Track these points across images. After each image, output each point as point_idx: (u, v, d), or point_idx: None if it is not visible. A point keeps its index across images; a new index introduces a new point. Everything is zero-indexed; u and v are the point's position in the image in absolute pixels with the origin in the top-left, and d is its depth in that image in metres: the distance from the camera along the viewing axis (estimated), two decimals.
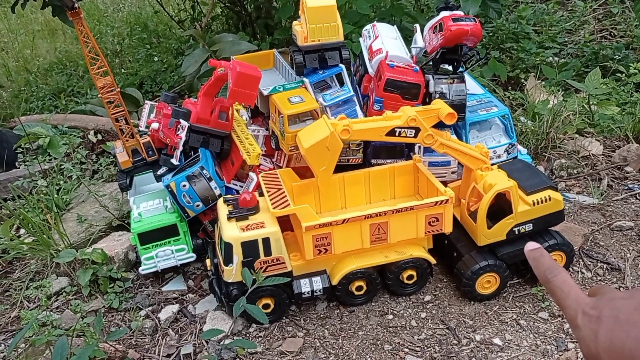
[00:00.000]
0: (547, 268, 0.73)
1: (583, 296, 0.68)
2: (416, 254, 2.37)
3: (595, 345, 0.61)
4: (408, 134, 2.29)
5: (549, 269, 0.73)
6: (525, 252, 0.78)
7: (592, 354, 0.62)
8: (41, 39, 6.35)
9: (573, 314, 0.67)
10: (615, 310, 0.62)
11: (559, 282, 0.71)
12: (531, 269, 2.26)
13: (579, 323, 0.65)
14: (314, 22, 2.42)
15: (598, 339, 0.61)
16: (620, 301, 0.63)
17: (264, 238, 2.21)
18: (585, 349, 0.64)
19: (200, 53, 3.85)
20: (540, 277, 0.74)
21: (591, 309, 0.65)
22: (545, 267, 0.73)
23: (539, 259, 0.76)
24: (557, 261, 2.38)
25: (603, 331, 0.61)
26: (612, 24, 5.15)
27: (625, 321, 0.60)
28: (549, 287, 0.72)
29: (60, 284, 2.56)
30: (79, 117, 3.94)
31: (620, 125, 3.40)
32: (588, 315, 0.64)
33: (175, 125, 2.56)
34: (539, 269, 0.74)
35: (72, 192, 3.16)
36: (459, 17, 2.40)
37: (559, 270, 0.72)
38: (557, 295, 0.70)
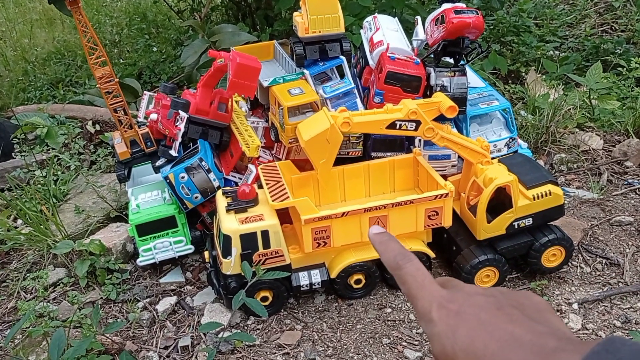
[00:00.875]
0: (398, 253, 0.64)
1: (438, 288, 0.59)
2: (415, 247, 2.36)
3: (452, 343, 0.54)
4: (409, 127, 2.28)
5: (400, 254, 0.64)
6: (370, 236, 0.69)
7: (447, 352, 0.54)
8: (39, 28, 6.31)
9: (427, 306, 0.58)
10: (476, 307, 0.55)
11: (412, 270, 0.62)
12: (531, 264, 2.24)
13: (433, 317, 0.57)
14: (314, 14, 2.40)
15: (456, 336, 0.54)
16: (480, 297, 0.57)
17: (263, 231, 2.20)
18: (438, 346, 0.56)
19: (199, 44, 3.83)
20: (389, 263, 0.64)
21: (448, 302, 0.57)
22: (396, 252, 0.64)
23: (387, 243, 0.67)
24: (556, 256, 2.40)
25: (463, 329, 0.54)
26: (613, 17, 5.13)
27: (488, 321, 0.53)
28: (399, 274, 0.63)
29: (57, 275, 2.55)
30: (77, 107, 3.91)
31: (621, 120, 3.39)
32: (446, 309, 0.56)
33: (174, 117, 2.54)
34: (388, 253, 0.65)
35: (69, 183, 3.14)
36: (461, 9, 2.38)
37: (412, 257, 0.64)
38: (409, 284, 0.61)
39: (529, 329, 0.51)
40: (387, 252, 0.65)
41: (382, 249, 0.66)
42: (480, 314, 0.54)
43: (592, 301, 2.33)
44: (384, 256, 0.66)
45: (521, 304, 0.56)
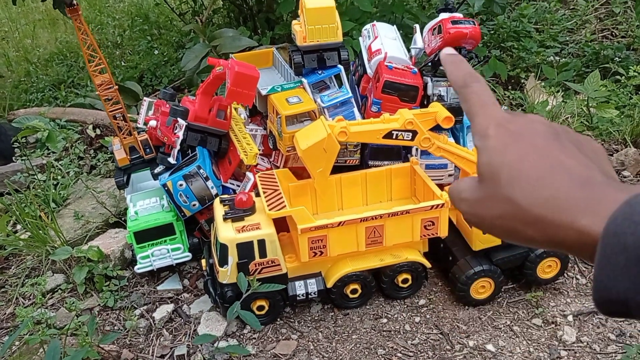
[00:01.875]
0: (467, 72, 0.64)
1: (500, 109, 0.60)
2: (412, 257, 2.38)
3: (501, 158, 0.54)
4: (405, 137, 2.29)
5: (470, 73, 0.64)
6: (442, 56, 0.68)
7: (492, 164, 0.55)
8: (42, 28, 6.33)
9: (485, 123, 0.58)
10: (535, 132, 0.55)
11: (478, 89, 0.62)
12: (526, 275, 2.24)
13: (489, 132, 0.57)
14: (312, 23, 2.41)
15: (506, 152, 0.54)
16: (541, 125, 0.56)
17: (260, 239, 2.22)
18: (485, 158, 0.56)
19: (200, 48, 3.84)
20: (456, 81, 0.64)
21: (508, 123, 0.57)
22: (466, 71, 0.64)
23: (459, 63, 0.67)
24: (551, 267, 2.41)
25: (515, 147, 0.54)
26: (613, 23, 5.12)
27: (542, 146, 0.54)
28: (464, 92, 0.63)
29: (55, 281, 2.57)
30: (78, 111, 3.93)
31: (619, 129, 3.39)
32: (504, 128, 0.57)
33: (172, 124, 2.56)
34: (457, 71, 0.65)
35: (69, 188, 3.16)
36: (458, 19, 2.39)
37: (480, 78, 0.63)
38: (472, 102, 0.61)
39: (581, 162, 0.52)
40: (457, 70, 0.65)
41: (453, 68, 0.66)
42: (537, 138, 0.55)
43: (587, 313, 2.34)
44: (453, 75, 0.65)
45: (580, 142, 0.56)
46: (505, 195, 0.53)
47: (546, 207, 0.50)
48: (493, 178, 0.55)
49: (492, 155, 0.55)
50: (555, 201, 0.50)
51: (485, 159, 0.56)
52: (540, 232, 0.51)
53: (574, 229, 0.48)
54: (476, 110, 0.60)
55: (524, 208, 0.52)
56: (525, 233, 0.53)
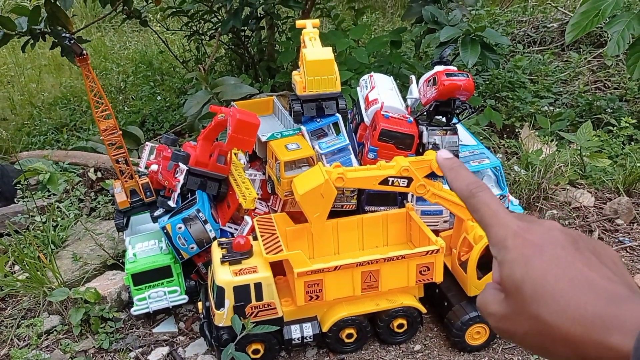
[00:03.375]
0: (471, 181, 0.63)
1: (514, 218, 0.58)
2: (407, 302, 2.39)
3: (523, 272, 0.53)
4: (401, 184, 2.34)
5: (473, 182, 0.63)
6: (439, 161, 0.68)
7: (515, 279, 0.53)
8: (47, 73, 6.47)
9: (502, 233, 0.57)
10: (554, 242, 0.54)
11: (486, 198, 0.61)
12: None
13: (508, 244, 0.56)
14: (312, 74, 2.49)
15: (529, 265, 0.53)
16: (559, 234, 0.55)
17: (256, 283, 2.24)
18: (507, 271, 0.55)
19: (202, 95, 3.93)
20: (461, 191, 0.63)
21: (525, 232, 0.56)
22: (469, 180, 0.63)
23: (459, 170, 0.65)
24: None
25: (537, 260, 0.53)
26: (606, 75, 5.26)
27: (564, 258, 0.53)
28: (473, 203, 0.61)
29: (51, 323, 2.57)
30: (80, 154, 3.99)
31: (612, 178, 3.45)
32: (522, 238, 0.55)
33: (174, 168, 2.61)
34: (460, 181, 0.64)
35: (69, 229, 3.19)
36: (452, 72, 2.48)
37: (485, 186, 0.62)
38: (483, 212, 0.60)
39: (603, 275, 0.51)
40: (459, 179, 0.64)
41: (453, 176, 0.65)
42: (557, 249, 0.53)
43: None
44: (455, 184, 0.64)
45: (597, 250, 0.55)
46: (531, 313, 0.52)
47: (574, 325, 0.49)
48: (518, 293, 0.53)
49: (514, 269, 0.54)
50: (582, 319, 0.49)
51: (507, 272, 0.55)
52: (571, 350, 0.50)
53: (604, 347, 0.48)
54: (489, 221, 0.59)
55: (551, 326, 0.51)
56: (556, 350, 0.52)
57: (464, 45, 3.39)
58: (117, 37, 7.43)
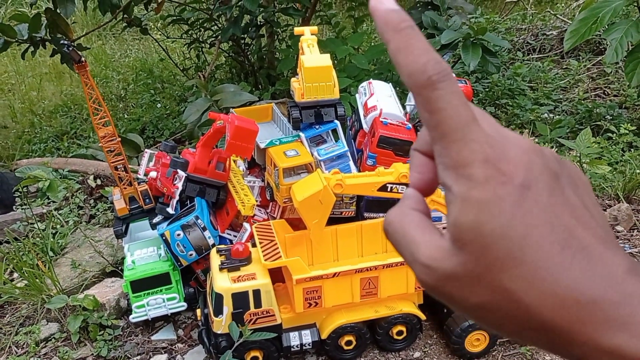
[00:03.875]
0: (432, 59, 0.39)
1: (484, 130, 0.39)
2: (406, 309, 2.38)
3: (496, 225, 0.36)
4: (400, 190, 2.34)
5: (436, 62, 0.39)
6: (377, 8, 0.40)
7: (481, 231, 0.37)
8: (48, 81, 6.49)
9: (467, 154, 0.38)
10: (538, 181, 0.38)
11: (453, 94, 0.39)
12: None
13: (476, 174, 0.37)
14: (310, 81, 2.50)
15: (506, 217, 0.36)
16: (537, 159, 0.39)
17: (255, 290, 2.23)
18: (468, 216, 0.37)
19: (202, 102, 3.94)
20: (412, 72, 0.39)
21: (499, 160, 0.38)
22: (428, 56, 0.39)
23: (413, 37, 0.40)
24: None
25: (519, 210, 0.37)
26: (605, 83, 5.27)
27: (549, 208, 0.37)
28: (429, 97, 0.39)
29: (49, 330, 2.57)
30: (80, 161, 4.00)
31: (612, 185, 3.45)
32: (496, 170, 0.37)
33: (172, 175, 2.62)
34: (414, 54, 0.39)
35: (68, 237, 3.18)
36: None
37: (449, 70, 0.39)
38: (443, 116, 0.39)
39: (596, 234, 0.38)
40: (412, 52, 0.39)
41: (402, 45, 0.40)
42: (542, 193, 0.38)
43: None
44: (404, 57, 0.39)
45: (574, 179, 0.41)
46: (500, 284, 0.37)
47: (562, 313, 0.36)
48: (483, 252, 0.37)
49: (482, 217, 0.37)
50: (574, 305, 0.36)
51: (469, 218, 0.37)
52: (547, 341, 0.38)
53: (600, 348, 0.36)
54: (450, 132, 0.39)
55: (527, 308, 0.37)
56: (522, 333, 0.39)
57: (464, 48, 3.40)
58: (117, 45, 7.46)
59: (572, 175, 0.41)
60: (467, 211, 0.38)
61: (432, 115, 0.39)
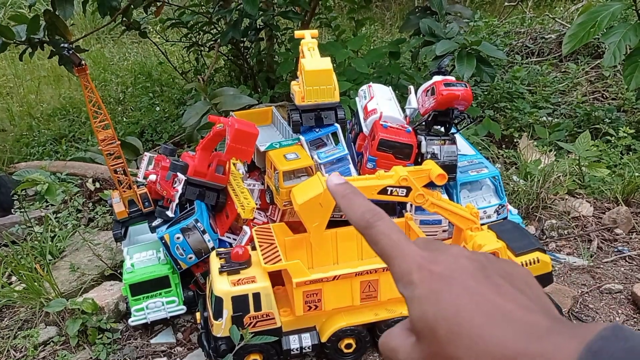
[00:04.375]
0: (366, 210, 0.56)
1: (417, 248, 0.52)
2: (406, 312, 2.37)
3: (435, 310, 0.47)
4: (400, 193, 2.34)
5: (369, 210, 0.56)
6: (330, 187, 0.61)
7: (427, 319, 0.48)
8: (46, 84, 6.49)
9: (405, 267, 0.51)
10: (462, 272, 0.49)
11: (385, 228, 0.54)
12: None
13: (414, 279, 0.50)
14: (310, 85, 2.50)
15: (440, 303, 0.47)
16: (466, 261, 0.50)
17: (255, 293, 2.22)
18: (417, 312, 0.49)
19: (201, 105, 3.94)
20: (356, 221, 0.56)
21: (431, 264, 0.50)
22: (364, 208, 0.56)
23: (352, 197, 0.59)
24: None
25: (448, 295, 0.47)
26: (604, 86, 5.29)
27: (475, 289, 0.48)
28: (370, 234, 0.55)
29: (48, 334, 2.56)
30: (78, 165, 3.99)
31: (610, 188, 3.46)
32: (428, 271, 0.49)
33: (172, 178, 2.61)
34: (354, 209, 0.57)
35: (66, 240, 3.18)
36: (450, 82, 2.48)
37: (383, 214, 0.56)
38: (383, 244, 0.54)
39: (520, 304, 0.47)
40: (353, 207, 0.57)
41: (346, 204, 0.58)
42: (467, 280, 0.48)
43: None
44: (349, 212, 0.58)
45: (509, 273, 0.51)
46: (448, 355, 0.46)
47: None
48: (431, 335, 0.47)
49: (425, 308, 0.48)
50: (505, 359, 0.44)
51: (418, 312, 0.49)
52: None
53: None
54: (390, 253, 0.53)
55: None
56: None
57: (459, 58, 3.41)
58: (116, 48, 7.46)
59: (506, 268, 0.52)
60: (414, 308, 0.50)
61: (376, 246, 0.54)
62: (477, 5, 7.46)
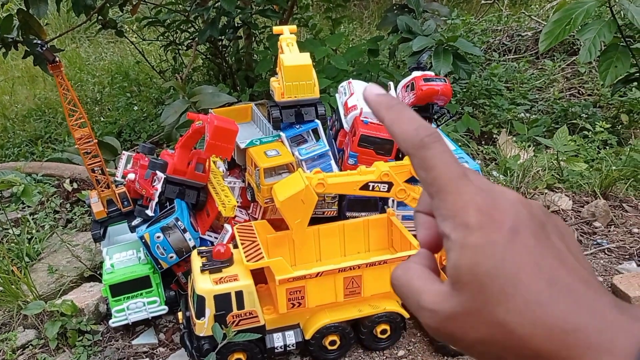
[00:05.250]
0: (420, 125, 0.47)
1: (475, 185, 0.45)
2: (390, 307, 2.38)
3: (491, 265, 0.42)
4: (381, 189, 2.34)
5: (423, 126, 0.47)
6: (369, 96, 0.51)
7: (478, 271, 0.42)
8: (21, 85, 6.37)
9: (461, 204, 0.44)
10: (525, 227, 0.43)
11: (444, 152, 0.46)
12: None
13: (471, 222, 0.43)
14: (290, 80, 2.48)
15: (499, 257, 0.42)
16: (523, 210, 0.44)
17: (237, 291, 2.20)
18: (467, 259, 0.43)
19: (180, 104, 3.90)
20: (406, 138, 0.47)
21: (491, 208, 0.43)
22: (417, 123, 0.47)
23: (403, 110, 0.49)
24: None
25: (511, 252, 0.42)
26: (580, 82, 5.36)
27: (536, 250, 0.43)
28: (425, 156, 0.46)
29: (26, 337, 2.50)
30: (55, 165, 3.92)
31: (588, 182, 3.50)
32: (489, 218, 0.43)
33: (151, 177, 2.58)
34: (405, 124, 0.47)
35: (44, 242, 3.12)
36: (430, 77, 2.49)
37: (438, 134, 0.47)
38: (438, 172, 0.45)
39: (580, 276, 0.42)
40: (403, 121, 0.48)
41: (394, 118, 0.49)
42: (529, 237, 0.43)
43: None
44: (397, 127, 0.48)
45: (562, 233, 0.46)
46: (494, 318, 0.42)
47: (550, 341, 0.40)
48: (478, 291, 0.42)
49: (478, 258, 0.42)
50: (562, 334, 0.40)
51: (467, 261, 0.42)
52: None
53: None
54: (444, 184, 0.45)
55: (520, 337, 0.41)
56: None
57: (436, 55, 3.42)
58: (92, 48, 7.36)
59: (558, 225, 0.47)
60: (464, 255, 0.43)
61: (428, 172, 0.46)
62: (454, 4, 7.51)
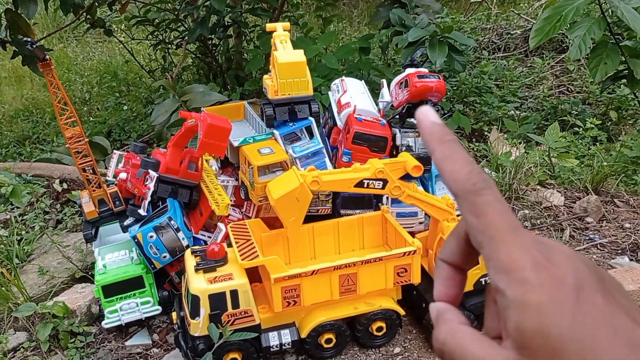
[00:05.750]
0: (474, 169, 0.44)
1: (530, 237, 0.42)
2: (385, 305, 2.37)
3: (563, 328, 0.38)
4: (376, 186, 2.33)
5: (478, 172, 0.44)
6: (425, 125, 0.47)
7: (548, 335, 0.38)
8: (8, 85, 6.30)
9: (516, 257, 0.41)
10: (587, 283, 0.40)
11: (496, 200, 0.43)
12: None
13: (530, 277, 0.40)
14: (284, 77, 2.47)
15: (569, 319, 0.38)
16: (581, 265, 0.41)
17: (232, 290, 2.18)
18: (531, 322, 0.39)
19: (170, 103, 3.87)
20: (457, 180, 0.44)
21: (549, 263, 0.40)
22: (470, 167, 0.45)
23: (455, 148, 0.46)
24: None
25: (580, 313, 0.38)
26: (569, 80, 5.39)
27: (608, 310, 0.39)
28: (476, 202, 0.43)
29: (18, 339, 2.47)
30: (44, 166, 3.88)
31: (580, 177, 3.52)
32: (549, 273, 0.39)
33: (143, 176, 2.55)
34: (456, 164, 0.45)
35: (34, 243, 3.08)
36: (423, 74, 2.49)
37: (490, 181, 0.44)
38: (490, 220, 0.42)
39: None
40: (456, 161, 0.45)
41: (445, 154, 0.45)
42: (595, 295, 0.39)
43: None
44: (447, 165, 0.45)
45: (613, 283, 0.43)
46: None
47: None
48: (552, 356, 0.38)
49: (545, 320, 0.38)
50: None
51: (532, 323, 0.39)
52: None
53: None
54: (497, 234, 0.42)
55: None
56: None
57: (431, 46, 3.42)
58: (80, 48, 7.30)
59: (611, 279, 0.43)
60: (528, 316, 0.39)
61: (480, 219, 0.43)
62: (443, 3, 7.53)
